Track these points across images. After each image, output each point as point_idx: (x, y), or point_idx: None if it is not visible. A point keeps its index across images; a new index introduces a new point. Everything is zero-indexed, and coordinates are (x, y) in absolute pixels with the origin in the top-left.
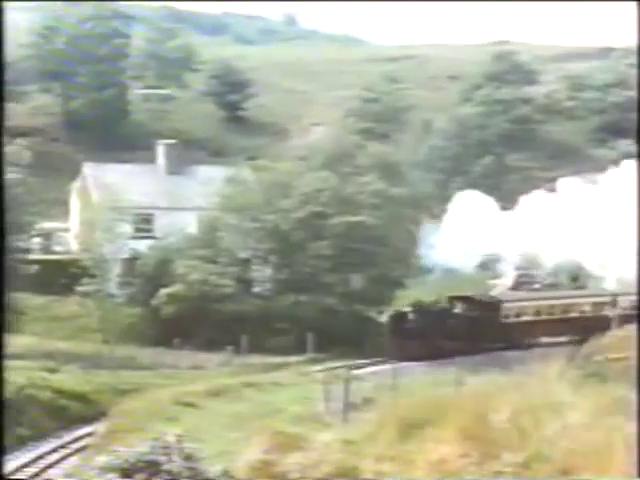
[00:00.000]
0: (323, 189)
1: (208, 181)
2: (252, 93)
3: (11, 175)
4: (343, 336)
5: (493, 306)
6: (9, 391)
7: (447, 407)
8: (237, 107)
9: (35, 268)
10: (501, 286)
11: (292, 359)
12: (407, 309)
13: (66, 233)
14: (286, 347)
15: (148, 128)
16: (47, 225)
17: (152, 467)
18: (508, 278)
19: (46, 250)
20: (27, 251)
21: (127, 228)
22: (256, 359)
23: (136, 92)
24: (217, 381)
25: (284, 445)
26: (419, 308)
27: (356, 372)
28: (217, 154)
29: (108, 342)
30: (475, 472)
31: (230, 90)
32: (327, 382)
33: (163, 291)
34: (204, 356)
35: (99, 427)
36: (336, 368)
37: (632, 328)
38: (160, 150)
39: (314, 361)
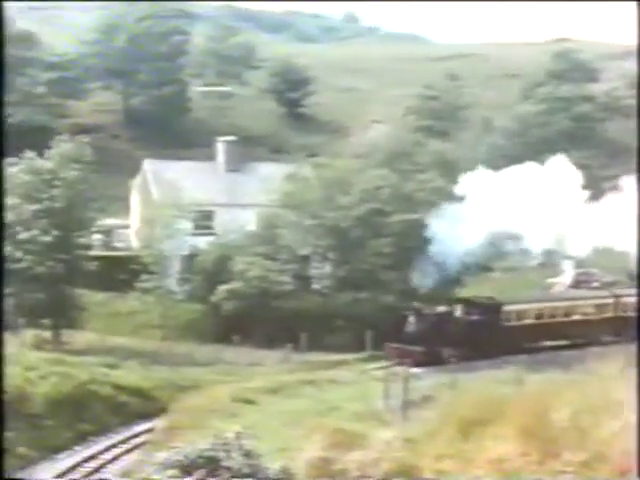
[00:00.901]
0: (382, 187)
1: (268, 178)
2: (312, 91)
3: (73, 172)
4: None
5: (494, 309)
6: (72, 386)
7: (507, 405)
8: (297, 104)
9: (96, 264)
10: (560, 284)
11: (351, 357)
12: (407, 313)
13: (126, 230)
14: (345, 344)
15: (208, 125)
16: (108, 222)
17: (211, 463)
18: (567, 276)
19: (107, 247)
20: (88, 247)
21: (187, 225)
22: (315, 356)
23: (196, 89)
24: (276, 378)
25: (343, 443)
26: (419, 312)
27: (415, 370)
28: (277, 151)
29: (168, 338)
30: (535, 471)
31: (290, 88)
32: (386, 380)
33: (222, 288)
34: (263, 353)
35: (159, 423)
36: (394, 366)
37: None
38: (220, 147)
39: (373, 359)
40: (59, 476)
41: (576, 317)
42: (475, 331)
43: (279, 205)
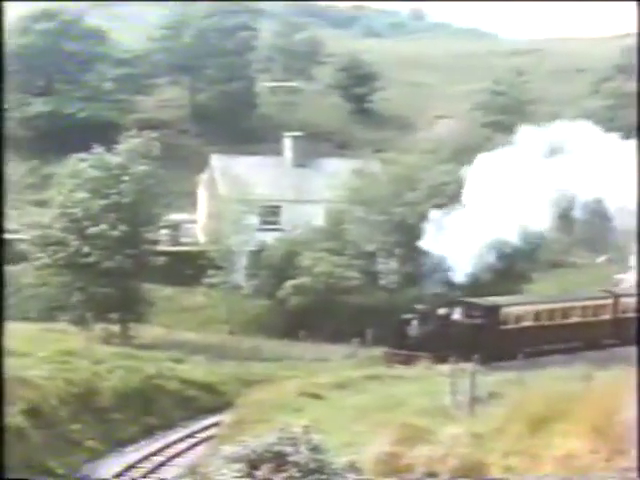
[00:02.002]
0: (449, 182)
1: (334, 174)
2: (378, 86)
3: (141, 167)
4: None
5: (493, 311)
6: (139, 380)
7: (576, 402)
8: (363, 100)
9: (163, 259)
10: (627, 281)
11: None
12: (409, 316)
13: (193, 225)
14: None
15: (275, 120)
16: (175, 217)
17: (279, 458)
18: (635, 273)
19: (174, 242)
20: (156, 242)
21: (254, 220)
22: (381, 352)
23: (263, 85)
24: (342, 373)
25: (410, 438)
26: (423, 316)
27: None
28: (343, 147)
29: (234, 333)
30: (604, 468)
31: (357, 83)
32: (452, 375)
33: (289, 283)
34: (329, 348)
35: (225, 417)
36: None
37: None
38: (287, 143)
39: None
40: (127, 469)
41: (575, 319)
42: (476, 335)
43: (346, 201)
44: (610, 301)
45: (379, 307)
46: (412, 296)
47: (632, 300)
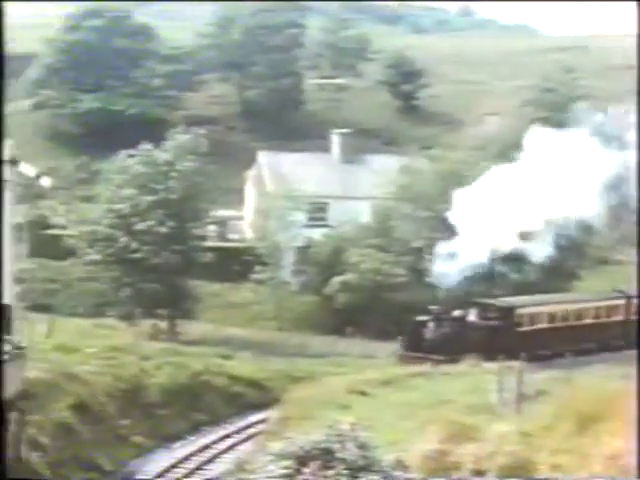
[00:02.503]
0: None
1: (382, 170)
2: (426, 83)
3: (189, 163)
4: None
5: (508, 313)
6: (186, 376)
7: (622, 400)
8: (411, 97)
9: (210, 256)
10: None
11: None
12: (425, 318)
13: (240, 221)
14: None
15: (322, 117)
16: (222, 213)
17: (326, 455)
18: None
19: (221, 238)
20: (203, 239)
21: (301, 216)
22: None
23: (311, 81)
24: (389, 370)
25: (458, 435)
26: (438, 317)
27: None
28: (391, 143)
29: (282, 329)
30: None
31: (404, 80)
32: (499, 373)
33: (336, 279)
34: (376, 345)
35: (272, 414)
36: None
37: None
38: (334, 139)
39: None
40: (174, 465)
41: (588, 321)
42: (492, 337)
43: (393, 197)
44: (622, 302)
45: (426, 304)
46: (459, 293)
47: None
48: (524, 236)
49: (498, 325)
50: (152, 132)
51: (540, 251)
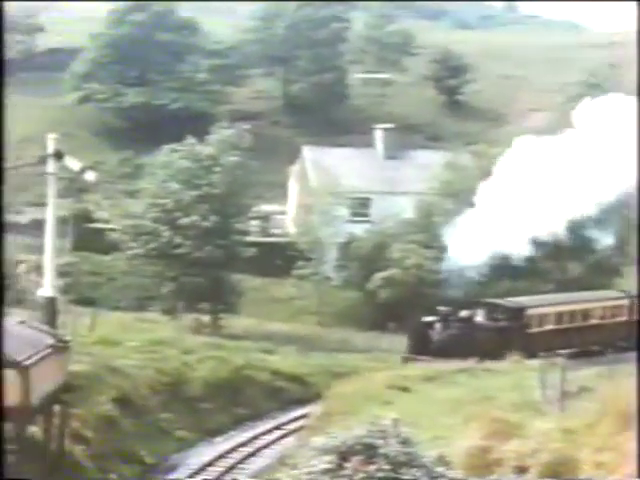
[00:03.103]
0: None
1: (425, 166)
2: (470, 78)
3: (232, 158)
4: None
5: (517, 314)
6: (229, 371)
7: None
8: (455, 92)
9: (253, 250)
10: None
11: None
12: (432, 319)
13: (284, 216)
14: None
15: (366, 112)
16: (265, 208)
17: (369, 450)
18: None
19: (264, 233)
20: (246, 233)
21: (344, 212)
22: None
23: (355, 76)
24: (431, 366)
25: (501, 432)
26: (445, 318)
27: (573, 360)
28: (435, 139)
29: (324, 325)
30: None
31: (449, 75)
32: (542, 370)
33: (378, 275)
34: None
35: (314, 409)
36: (551, 356)
37: None
38: (378, 134)
39: None
40: (216, 459)
41: (593, 321)
42: (501, 338)
43: (436, 193)
44: (626, 302)
45: (467, 300)
46: (502, 289)
47: None
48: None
49: (507, 326)
50: (196, 127)
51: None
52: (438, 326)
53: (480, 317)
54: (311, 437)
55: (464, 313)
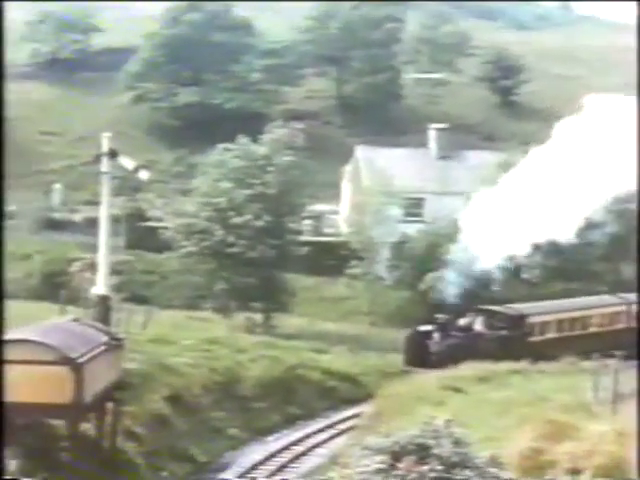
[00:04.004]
0: None
1: (479, 166)
2: (525, 79)
3: (286, 158)
4: None
5: (519, 321)
6: (281, 370)
7: None
8: (510, 92)
9: (306, 250)
10: None
11: None
12: (429, 327)
13: (336, 216)
14: None
15: (420, 112)
16: (318, 207)
17: (421, 451)
18: None
19: (317, 232)
20: (299, 233)
21: (397, 212)
22: None
23: (409, 76)
24: (484, 367)
25: (554, 434)
26: (444, 327)
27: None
28: (489, 139)
29: (376, 325)
30: None
31: (503, 75)
32: (595, 372)
33: (431, 275)
34: None
35: (366, 409)
36: (605, 358)
37: None
38: (432, 134)
39: None
40: (268, 458)
41: (593, 329)
42: (502, 348)
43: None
44: (624, 309)
45: (522, 301)
46: (556, 290)
47: None
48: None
49: (508, 335)
50: (250, 126)
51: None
52: (436, 336)
53: (479, 325)
54: (363, 437)
55: (463, 321)
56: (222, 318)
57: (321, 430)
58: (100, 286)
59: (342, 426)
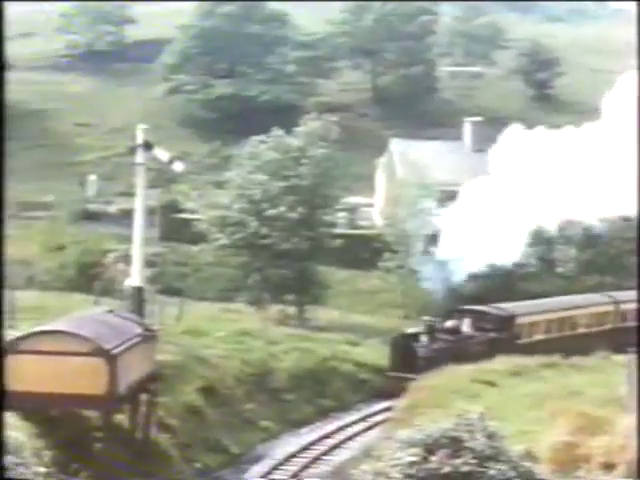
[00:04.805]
0: None
1: None
2: (560, 71)
3: (320, 150)
4: None
5: (507, 323)
6: (314, 362)
7: None
8: (544, 85)
9: (339, 242)
10: None
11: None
12: (415, 330)
13: (370, 208)
14: None
15: (455, 105)
16: (352, 200)
17: (455, 444)
18: None
19: (350, 225)
20: (333, 225)
21: (431, 204)
22: None
23: (444, 69)
24: (517, 361)
25: (588, 428)
26: (431, 330)
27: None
28: None
29: (409, 317)
30: None
31: (538, 68)
32: (629, 365)
33: (462, 268)
34: None
35: (399, 402)
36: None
37: None
38: (467, 127)
39: None
40: (301, 450)
41: (581, 330)
42: (491, 351)
43: None
44: (611, 308)
45: (556, 294)
46: (590, 284)
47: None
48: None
49: (497, 337)
50: (284, 118)
51: None
52: (424, 339)
53: (466, 327)
54: (396, 430)
55: (450, 323)
56: (255, 310)
57: (354, 422)
58: (134, 278)
59: (375, 419)
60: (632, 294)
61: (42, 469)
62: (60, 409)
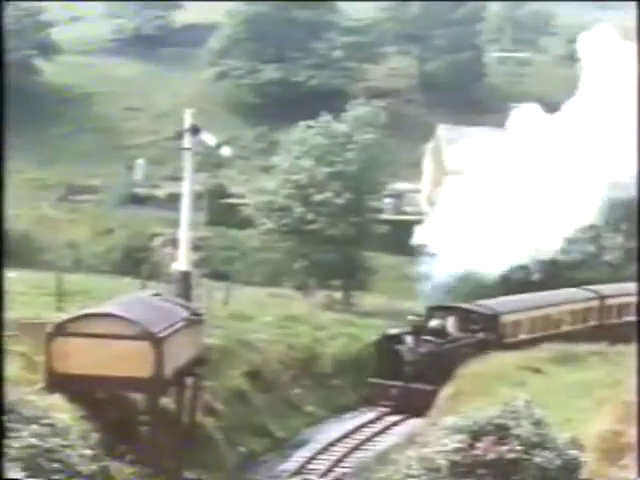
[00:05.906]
0: None
1: None
2: None
3: (367, 136)
4: None
5: (493, 322)
6: (359, 348)
7: None
8: None
9: (386, 228)
10: None
11: None
12: (399, 331)
13: (417, 194)
14: None
15: (503, 91)
16: (399, 186)
17: (501, 431)
18: None
19: (397, 211)
20: (379, 211)
21: None
22: None
23: (492, 55)
24: (563, 348)
25: (634, 417)
26: (417, 332)
27: None
28: None
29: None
30: None
31: None
32: None
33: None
34: None
35: (445, 389)
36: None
37: None
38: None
39: None
40: (345, 436)
41: (566, 327)
42: (479, 352)
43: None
44: (596, 304)
45: (603, 282)
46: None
47: (619, 301)
48: None
49: (483, 338)
50: (331, 103)
51: None
52: (409, 341)
53: (451, 327)
54: (440, 416)
55: (434, 323)
56: (301, 295)
57: None
58: (181, 262)
59: None
60: (617, 287)
61: (88, 452)
62: (106, 392)
